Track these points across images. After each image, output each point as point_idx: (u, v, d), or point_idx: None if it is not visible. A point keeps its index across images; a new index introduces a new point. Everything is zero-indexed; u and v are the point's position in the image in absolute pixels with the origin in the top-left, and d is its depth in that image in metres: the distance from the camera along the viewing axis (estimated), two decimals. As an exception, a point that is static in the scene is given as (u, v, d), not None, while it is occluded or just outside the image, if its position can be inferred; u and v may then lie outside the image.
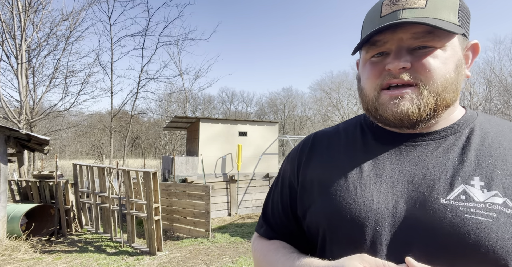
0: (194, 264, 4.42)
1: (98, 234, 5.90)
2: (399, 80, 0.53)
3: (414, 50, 0.53)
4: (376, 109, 0.57)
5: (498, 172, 0.49)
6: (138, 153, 31.71)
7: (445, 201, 0.49)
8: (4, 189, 5.16)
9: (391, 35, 0.53)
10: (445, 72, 0.52)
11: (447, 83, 0.52)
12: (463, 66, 0.56)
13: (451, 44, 0.53)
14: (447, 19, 0.52)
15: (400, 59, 0.52)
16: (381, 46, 0.55)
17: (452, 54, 0.53)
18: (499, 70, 21.88)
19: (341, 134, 0.68)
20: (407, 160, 0.56)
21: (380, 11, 0.55)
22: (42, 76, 12.58)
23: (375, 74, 0.56)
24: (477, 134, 0.55)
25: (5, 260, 4.41)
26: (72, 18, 12.28)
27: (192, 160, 8.39)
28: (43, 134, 10.03)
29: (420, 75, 0.52)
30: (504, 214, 0.46)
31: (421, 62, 0.52)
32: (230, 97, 41.16)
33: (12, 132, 5.28)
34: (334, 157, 0.64)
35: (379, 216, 0.52)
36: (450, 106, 0.55)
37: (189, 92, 22.36)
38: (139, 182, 5.09)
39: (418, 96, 0.52)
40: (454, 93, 0.54)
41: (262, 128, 9.52)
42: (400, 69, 0.52)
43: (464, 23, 0.55)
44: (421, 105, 0.52)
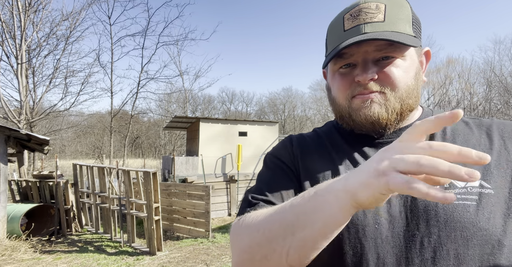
0: (194, 264, 4.42)
1: (98, 234, 5.90)
2: (368, 91, 0.57)
3: (378, 61, 0.57)
4: (350, 114, 0.60)
5: None
6: (138, 153, 31.71)
7: None
8: (4, 189, 5.16)
9: (357, 48, 0.57)
10: (407, 80, 0.57)
11: (410, 90, 0.58)
12: (420, 72, 0.62)
13: (409, 53, 0.58)
14: (404, 31, 0.57)
15: (367, 71, 0.56)
16: (348, 58, 0.59)
17: (411, 63, 0.59)
18: (499, 70, 21.86)
19: (322, 137, 0.69)
20: None
21: (343, 24, 0.59)
22: (42, 76, 12.61)
23: (345, 85, 0.60)
24: None
25: (5, 260, 4.41)
26: (72, 18, 12.30)
27: (192, 160, 8.39)
28: (43, 134, 10.04)
29: (386, 84, 0.57)
30: (484, 195, 0.51)
31: (386, 72, 0.56)
32: (230, 97, 41.19)
33: (12, 132, 5.28)
34: (318, 160, 0.64)
35: (376, 214, 0.54)
36: (413, 110, 0.61)
37: (189, 92, 22.38)
38: (139, 182, 5.09)
39: (385, 101, 0.57)
40: (416, 98, 0.60)
41: (262, 128, 9.52)
42: (368, 81, 0.57)
43: (418, 32, 0.60)
44: (388, 109, 0.57)
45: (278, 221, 0.47)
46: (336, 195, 0.40)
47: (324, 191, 0.42)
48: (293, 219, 0.44)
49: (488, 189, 0.52)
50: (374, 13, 0.57)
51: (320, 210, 0.42)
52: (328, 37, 0.64)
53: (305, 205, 0.44)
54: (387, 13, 0.57)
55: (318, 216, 0.42)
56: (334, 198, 0.40)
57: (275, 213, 0.48)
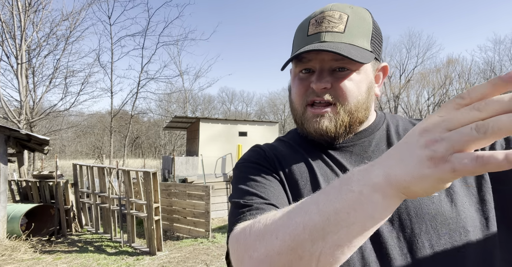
0: (194, 264, 4.42)
1: (98, 234, 5.90)
2: (321, 99, 0.60)
3: (334, 72, 0.59)
4: (302, 123, 0.63)
5: None
6: (138, 153, 31.71)
7: None
8: (4, 189, 5.16)
9: (315, 55, 0.59)
10: (357, 94, 0.59)
11: (359, 104, 0.60)
12: (374, 86, 0.64)
13: (364, 68, 0.60)
14: (361, 45, 0.59)
15: (322, 80, 0.58)
16: (306, 62, 0.61)
17: (365, 77, 0.61)
18: (499, 70, 21.87)
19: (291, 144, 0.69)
20: (353, 159, 0.63)
21: (308, 29, 0.61)
22: (42, 76, 12.60)
23: (302, 91, 0.62)
24: (392, 127, 0.67)
25: (5, 260, 4.41)
26: (72, 18, 12.30)
27: (192, 160, 8.39)
28: (43, 134, 10.03)
29: (338, 96, 0.59)
30: (461, 193, 0.54)
31: (339, 85, 0.58)
32: (230, 97, 41.20)
33: (12, 132, 5.28)
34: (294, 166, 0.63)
35: None
36: (364, 121, 0.64)
37: (189, 92, 22.40)
38: (139, 182, 5.09)
39: (335, 115, 0.60)
40: (366, 111, 0.62)
41: (262, 128, 9.52)
42: (321, 89, 0.59)
43: (376, 47, 0.62)
44: (337, 123, 0.60)
45: (301, 225, 0.39)
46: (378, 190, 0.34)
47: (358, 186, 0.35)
48: (321, 221, 0.37)
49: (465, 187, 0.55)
50: (336, 22, 0.59)
51: (360, 209, 0.35)
52: (294, 39, 0.66)
53: (336, 203, 0.37)
54: (348, 25, 0.58)
55: (356, 215, 0.35)
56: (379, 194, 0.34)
57: (295, 215, 0.41)
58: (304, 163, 0.64)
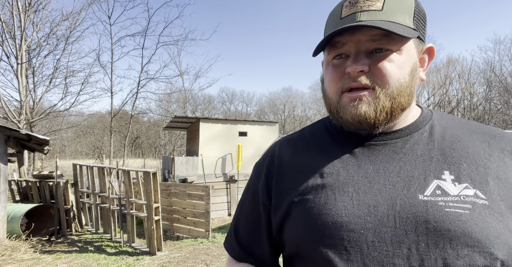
0: (194, 264, 4.42)
1: (98, 234, 5.90)
2: (357, 83, 0.54)
3: (372, 53, 0.54)
4: (338, 111, 0.58)
5: (463, 165, 0.53)
6: (138, 153, 31.71)
7: (423, 197, 0.51)
8: (4, 189, 5.16)
9: (349, 37, 0.55)
10: (400, 77, 0.54)
11: (402, 87, 0.54)
12: (418, 69, 0.58)
13: (407, 47, 0.55)
14: (403, 22, 0.54)
15: (358, 62, 0.53)
16: (340, 47, 0.56)
17: (408, 58, 0.55)
18: (499, 70, 21.87)
19: (310, 140, 0.66)
20: (379, 159, 0.57)
21: (341, 12, 0.57)
22: (42, 76, 12.59)
23: (337, 77, 0.57)
24: (438, 129, 0.59)
25: (5, 260, 4.41)
26: (72, 18, 12.29)
27: (192, 160, 8.39)
28: (43, 134, 10.03)
29: (377, 78, 0.54)
30: (478, 205, 0.48)
31: (378, 66, 0.53)
32: (230, 97, 41.20)
33: (12, 132, 5.28)
34: (307, 164, 0.62)
35: (362, 219, 0.52)
36: (406, 109, 0.57)
37: (189, 92, 22.39)
38: (139, 182, 5.09)
39: (374, 99, 0.54)
40: (409, 96, 0.56)
41: (262, 128, 9.52)
42: (358, 72, 0.54)
43: (420, 26, 0.57)
44: (377, 108, 0.54)
45: None
46: None
47: None
48: None
49: (483, 200, 0.49)
50: (372, 1, 0.54)
51: None
52: (326, 26, 0.62)
53: None
54: (387, 2, 0.54)
55: None
56: None
57: None
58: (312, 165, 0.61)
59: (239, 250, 0.70)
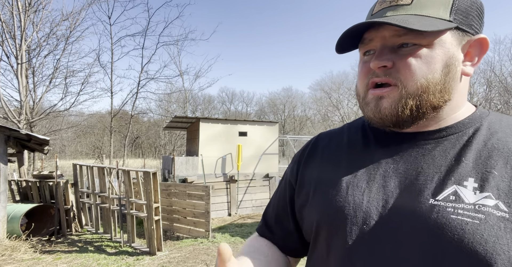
0: (194, 264, 4.42)
1: (98, 234, 5.90)
2: (380, 79, 0.53)
3: (398, 49, 0.52)
4: (363, 108, 0.58)
5: (495, 173, 0.47)
6: (138, 153, 31.71)
7: (434, 201, 0.48)
8: (4, 189, 5.16)
9: (375, 33, 0.54)
10: (427, 73, 0.51)
11: (429, 84, 0.51)
12: (457, 64, 0.53)
13: (440, 41, 0.51)
14: (434, 14, 0.51)
15: (380, 57, 0.52)
16: (368, 43, 0.56)
17: (441, 52, 0.51)
18: (499, 70, 21.88)
19: (344, 135, 0.68)
20: (403, 159, 0.55)
21: (374, 8, 0.57)
22: (42, 76, 12.59)
23: (364, 74, 0.57)
24: (482, 134, 0.53)
25: (5, 260, 4.41)
26: (72, 18, 12.29)
27: (192, 160, 8.39)
28: (43, 134, 10.03)
29: (400, 75, 0.52)
30: (494, 217, 0.44)
31: (402, 62, 0.51)
32: (230, 97, 41.19)
33: (12, 132, 5.28)
34: (333, 157, 0.65)
35: (367, 215, 0.52)
36: (441, 107, 0.53)
37: (189, 92, 22.38)
38: (139, 182, 5.09)
39: (395, 96, 0.52)
40: (442, 94, 0.52)
41: (262, 128, 9.52)
42: (380, 68, 0.53)
43: (462, 17, 0.52)
44: (398, 106, 0.52)
45: None
46: None
47: None
48: None
49: (503, 212, 0.44)
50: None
51: None
52: None
53: None
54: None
55: None
56: None
57: None
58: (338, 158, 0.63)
59: (263, 226, 0.77)
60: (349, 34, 0.55)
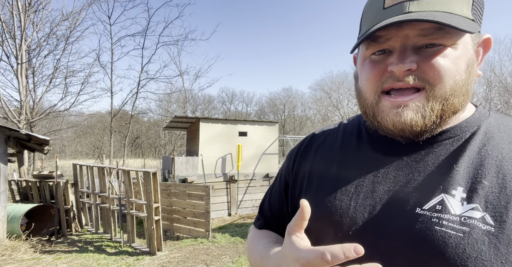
0: (194, 264, 4.42)
1: (98, 234, 5.90)
2: (403, 84, 0.48)
3: (421, 49, 0.47)
4: (375, 115, 0.52)
5: (485, 183, 0.45)
6: (138, 153, 31.71)
7: (420, 211, 0.46)
8: (4, 189, 5.16)
9: (396, 31, 0.48)
10: (455, 74, 0.47)
11: (457, 86, 0.47)
12: (475, 64, 0.50)
13: (463, 41, 0.47)
14: (460, 12, 0.46)
15: (405, 60, 0.47)
16: (383, 42, 0.49)
17: (464, 52, 0.48)
18: (499, 70, 21.88)
19: (339, 135, 0.66)
20: (394, 164, 0.52)
21: (384, 0, 0.49)
22: (42, 76, 12.60)
23: (376, 75, 0.50)
24: (478, 139, 0.50)
25: (5, 260, 4.41)
26: (72, 18, 12.30)
27: (192, 160, 8.39)
28: (43, 134, 10.03)
29: (428, 77, 0.47)
30: (479, 230, 0.42)
31: (429, 63, 0.46)
32: (230, 97, 41.18)
33: (12, 132, 5.28)
34: (325, 158, 0.63)
35: (353, 221, 0.51)
36: (459, 111, 0.50)
37: (189, 92, 22.37)
38: (139, 182, 5.09)
39: (423, 103, 0.48)
40: (464, 96, 0.49)
41: (262, 128, 9.52)
42: (405, 72, 0.47)
43: (478, 16, 0.49)
44: (426, 113, 0.48)
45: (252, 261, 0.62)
46: None
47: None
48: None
49: (489, 226, 0.42)
50: None
51: None
52: (364, 16, 0.54)
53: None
54: None
55: None
56: None
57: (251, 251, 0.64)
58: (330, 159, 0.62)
59: (262, 220, 0.77)
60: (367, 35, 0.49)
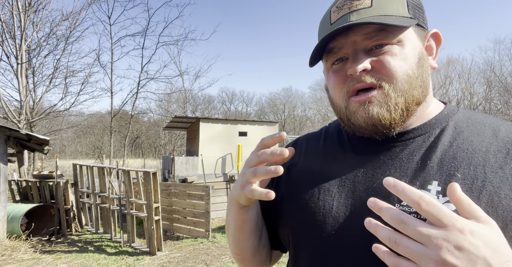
0: (194, 264, 4.42)
1: (98, 234, 5.90)
2: (363, 84, 0.51)
3: (372, 51, 0.52)
4: (348, 118, 0.55)
5: (458, 175, 0.47)
6: (138, 153, 31.71)
7: (398, 206, 0.47)
8: (4, 189, 5.16)
9: (344, 39, 0.52)
10: (406, 68, 0.50)
11: (411, 79, 0.51)
12: (426, 57, 0.53)
13: (407, 37, 0.51)
14: (396, 13, 0.51)
15: (358, 62, 0.51)
16: (337, 52, 0.54)
17: (411, 48, 0.51)
18: (499, 70, 21.89)
19: (321, 138, 0.68)
20: (372, 163, 0.54)
21: (330, 18, 0.55)
22: (42, 76, 12.61)
23: (340, 82, 0.54)
24: (448, 134, 0.52)
25: (5, 260, 4.41)
26: (72, 18, 12.31)
27: (192, 160, 8.39)
28: (43, 134, 10.03)
29: (382, 75, 0.50)
30: None
31: (380, 62, 0.50)
32: (230, 97, 41.19)
33: (12, 132, 5.28)
34: (308, 162, 0.64)
35: (336, 221, 0.53)
36: (422, 102, 0.53)
37: (189, 92, 22.40)
38: (139, 182, 5.09)
39: (385, 98, 0.51)
40: (422, 88, 0.52)
41: (262, 128, 9.52)
42: (361, 72, 0.51)
43: (417, 13, 0.53)
44: (390, 107, 0.50)
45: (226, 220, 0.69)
46: (231, 202, 0.60)
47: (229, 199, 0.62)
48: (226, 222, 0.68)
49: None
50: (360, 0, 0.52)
51: (229, 213, 0.64)
52: (319, 35, 0.60)
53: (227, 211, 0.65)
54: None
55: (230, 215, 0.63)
56: (230, 204, 0.61)
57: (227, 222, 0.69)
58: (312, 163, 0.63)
59: None
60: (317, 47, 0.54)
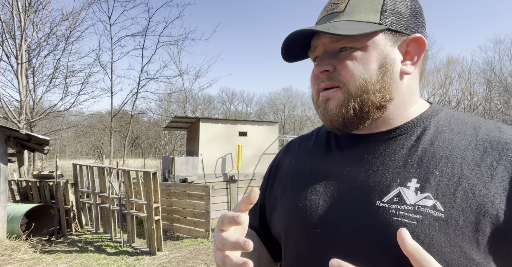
0: (194, 264, 4.42)
1: (98, 234, 5.90)
2: (325, 84, 0.55)
3: (338, 53, 0.55)
4: (318, 112, 0.59)
5: (436, 173, 0.48)
6: (138, 153, 31.71)
7: (380, 203, 0.49)
8: (4, 189, 5.16)
9: (317, 40, 0.57)
10: (364, 73, 0.52)
11: (369, 84, 0.52)
12: (393, 63, 0.53)
13: (374, 43, 0.52)
14: (365, 19, 0.53)
15: (321, 63, 0.55)
16: (314, 51, 0.58)
17: (376, 53, 0.53)
18: (499, 70, 21.88)
19: (312, 139, 0.70)
20: (356, 161, 0.56)
21: (319, 16, 0.60)
22: (42, 76, 12.61)
23: (313, 79, 0.59)
24: (430, 133, 0.53)
25: (5, 260, 4.41)
26: (72, 18, 12.31)
27: (192, 160, 8.39)
28: (43, 134, 10.03)
29: (341, 77, 0.53)
30: (430, 217, 0.45)
31: (341, 65, 0.53)
32: (230, 97, 41.20)
33: (12, 132, 5.28)
34: (299, 163, 0.66)
35: (322, 218, 0.54)
36: (385, 106, 0.54)
37: (189, 92, 22.40)
38: (139, 182, 5.09)
39: (340, 97, 0.54)
40: (382, 93, 0.53)
41: (262, 128, 9.52)
42: (323, 72, 0.55)
43: (395, 19, 0.53)
44: (342, 106, 0.54)
45: None
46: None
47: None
48: None
49: (439, 212, 0.45)
50: (337, 3, 0.55)
51: None
52: None
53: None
54: (350, 2, 0.54)
55: None
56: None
57: None
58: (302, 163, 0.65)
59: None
60: (296, 43, 0.58)
